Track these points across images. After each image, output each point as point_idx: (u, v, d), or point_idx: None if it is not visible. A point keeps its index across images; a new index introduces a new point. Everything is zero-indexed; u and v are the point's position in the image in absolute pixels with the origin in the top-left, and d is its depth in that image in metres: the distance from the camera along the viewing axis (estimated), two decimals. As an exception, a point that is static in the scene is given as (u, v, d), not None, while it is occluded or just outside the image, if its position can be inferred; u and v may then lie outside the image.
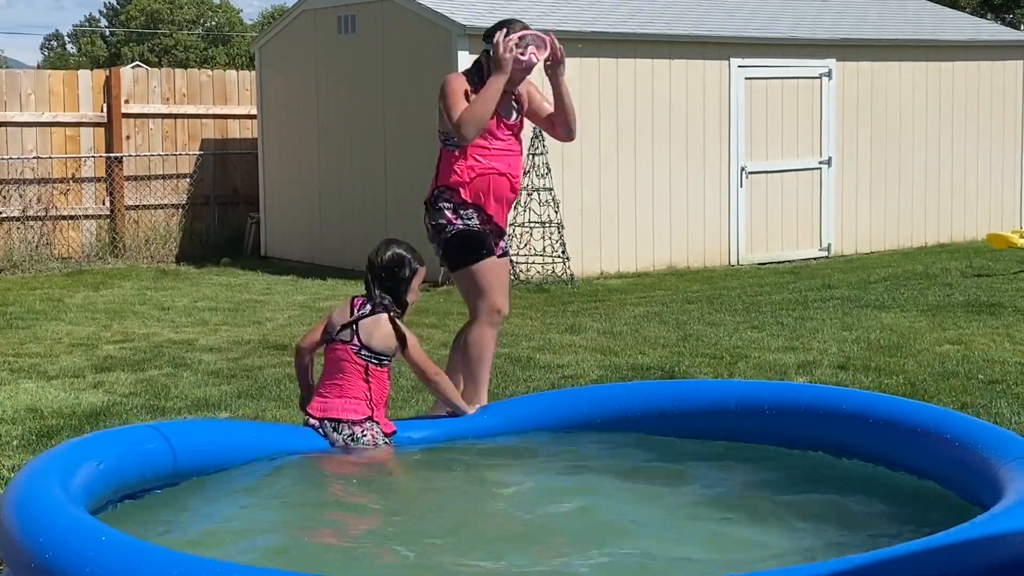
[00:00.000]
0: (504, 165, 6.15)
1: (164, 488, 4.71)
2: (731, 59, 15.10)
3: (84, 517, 3.13)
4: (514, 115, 6.17)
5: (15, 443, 6.81)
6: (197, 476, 4.78)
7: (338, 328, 5.58)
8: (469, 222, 6.10)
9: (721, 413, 4.62)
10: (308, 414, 5.54)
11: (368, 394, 5.47)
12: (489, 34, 6.07)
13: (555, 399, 5.83)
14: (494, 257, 6.02)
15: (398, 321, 5.61)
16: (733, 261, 15.22)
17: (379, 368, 5.53)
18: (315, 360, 5.85)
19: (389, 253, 5.80)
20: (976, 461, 3.53)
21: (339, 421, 5.43)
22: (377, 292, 5.63)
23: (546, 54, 5.84)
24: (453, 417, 5.64)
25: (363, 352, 5.51)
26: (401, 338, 5.53)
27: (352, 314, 5.58)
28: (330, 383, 5.56)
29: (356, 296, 5.79)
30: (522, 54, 5.80)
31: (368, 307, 5.61)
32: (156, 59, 68.33)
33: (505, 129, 6.14)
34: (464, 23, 13.47)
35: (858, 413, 4.20)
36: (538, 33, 5.95)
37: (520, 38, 5.87)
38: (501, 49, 5.68)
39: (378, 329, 5.54)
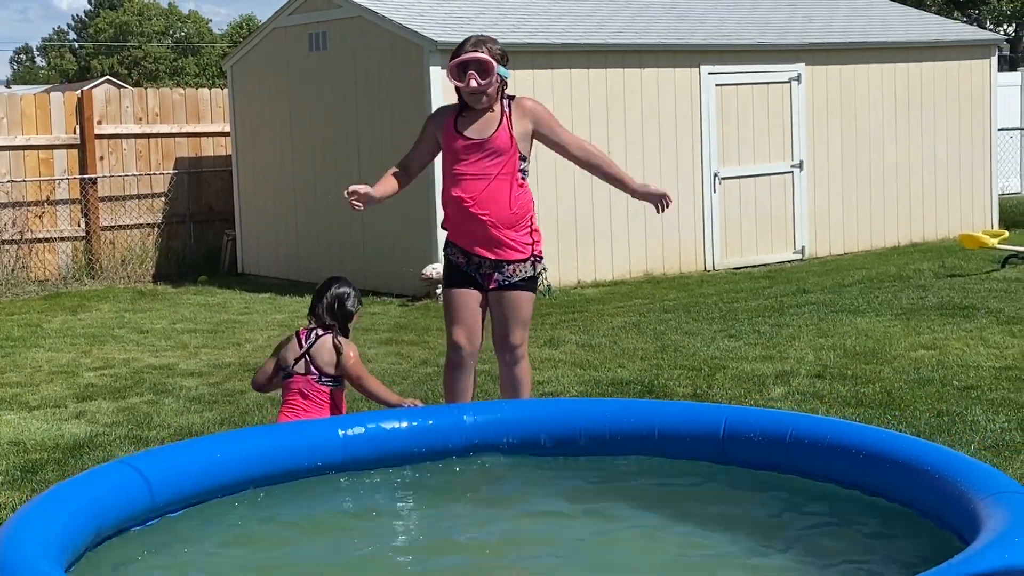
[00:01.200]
0: (465, 191, 6.06)
1: (143, 525, 4.64)
2: (701, 66, 15.18)
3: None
4: (489, 130, 6.03)
5: (0, 479, 6.81)
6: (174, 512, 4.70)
7: (292, 363, 5.67)
8: (447, 251, 6.13)
9: (710, 438, 4.66)
10: None
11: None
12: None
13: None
14: (454, 290, 5.98)
15: (338, 337, 5.75)
16: (708, 266, 15.29)
17: (340, 390, 5.66)
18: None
19: (338, 290, 5.92)
20: (957, 494, 3.58)
21: None
22: (326, 316, 5.78)
23: (490, 79, 5.83)
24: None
25: (323, 379, 5.62)
26: (338, 349, 5.67)
27: (301, 346, 5.67)
28: (293, 414, 5.63)
29: (300, 329, 5.95)
30: (460, 80, 5.85)
31: (314, 335, 5.74)
32: (126, 71, 68.15)
33: (475, 152, 6.02)
34: (436, 39, 13.51)
35: (847, 445, 4.25)
36: (478, 55, 5.92)
37: (459, 65, 5.88)
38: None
39: (324, 350, 5.71)
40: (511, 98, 6.14)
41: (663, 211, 5.81)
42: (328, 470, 5.13)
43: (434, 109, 13.33)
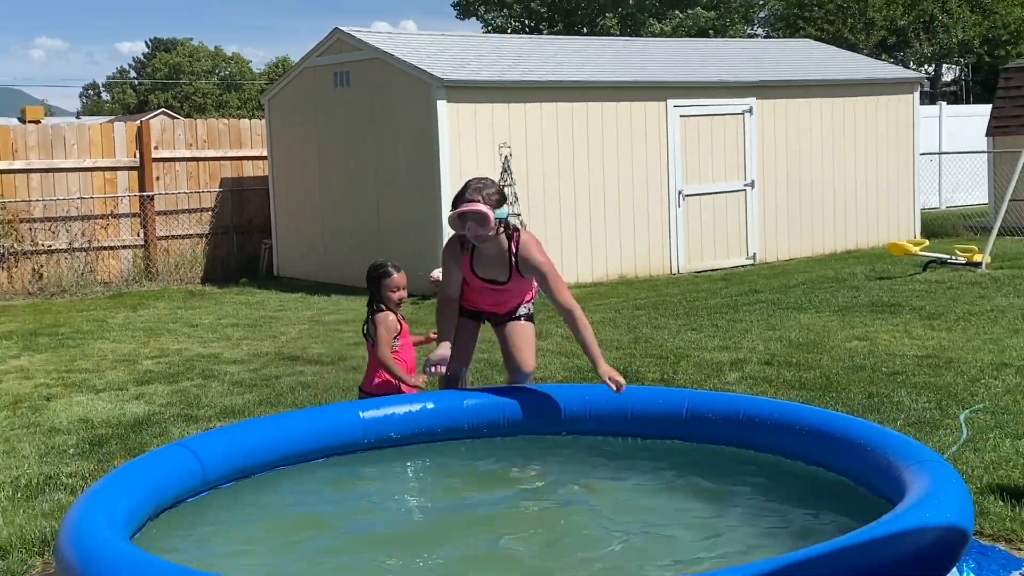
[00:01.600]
0: (482, 300, 5.70)
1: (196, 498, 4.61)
2: (668, 100, 15.18)
3: (129, 547, 3.13)
4: (503, 276, 5.51)
5: (71, 451, 6.80)
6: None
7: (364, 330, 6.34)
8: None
9: (674, 419, 4.64)
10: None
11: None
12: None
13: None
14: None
15: (374, 316, 6.08)
16: (674, 270, 15.29)
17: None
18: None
19: (370, 265, 6.33)
20: (885, 464, 3.58)
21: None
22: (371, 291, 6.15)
23: (488, 227, 5.22)
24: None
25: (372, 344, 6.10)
26: (373, 321, 6.02)
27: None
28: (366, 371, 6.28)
29: None
30: (461, 230, 5.34)
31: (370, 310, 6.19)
32: (179, 104, 67.99)
33: (487, 285, 5.59)
34: (442, 76, 13.50)
35: (792, 423, 4.24)
36: (475, 208, 5.24)
37: (459, 216, 5.30)
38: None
39: (370, 321, 6.13)
40: (517, 237, 5.46)
41: (618, 391, 5.05)
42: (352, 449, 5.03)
43: (441, 138, 13.48)
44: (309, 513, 4.51)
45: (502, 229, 5.36)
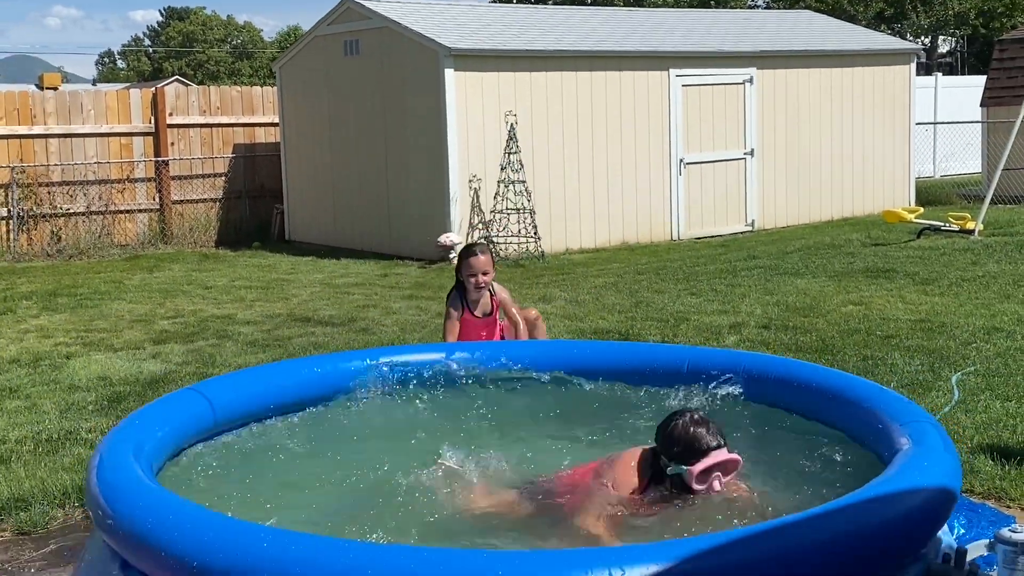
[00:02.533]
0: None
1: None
2: (670, 70, 15.11)
3: (154, 486, 3.16)
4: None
5: (91, 408, 6.83)
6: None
7: None
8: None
9: (677, 374, 4.65)
10: None
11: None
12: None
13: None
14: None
15: (449, 296, 6.19)
16: (674, 237, 15.28)
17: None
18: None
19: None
20: (880, 422, 3.59)
21: None
22: None
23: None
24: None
25: None
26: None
27: None
28: None
29: None
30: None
31: None
32: (192, 72, 67.77)
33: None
34: (450, 45, 13.43)
35: (791, 379, 4.25)
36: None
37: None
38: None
39: None
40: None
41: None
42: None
43: (448, 105, 13.45)
44: (317, 458, 4.54)
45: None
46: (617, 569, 2.49)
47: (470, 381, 5.16)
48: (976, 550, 3.27)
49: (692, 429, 3.64)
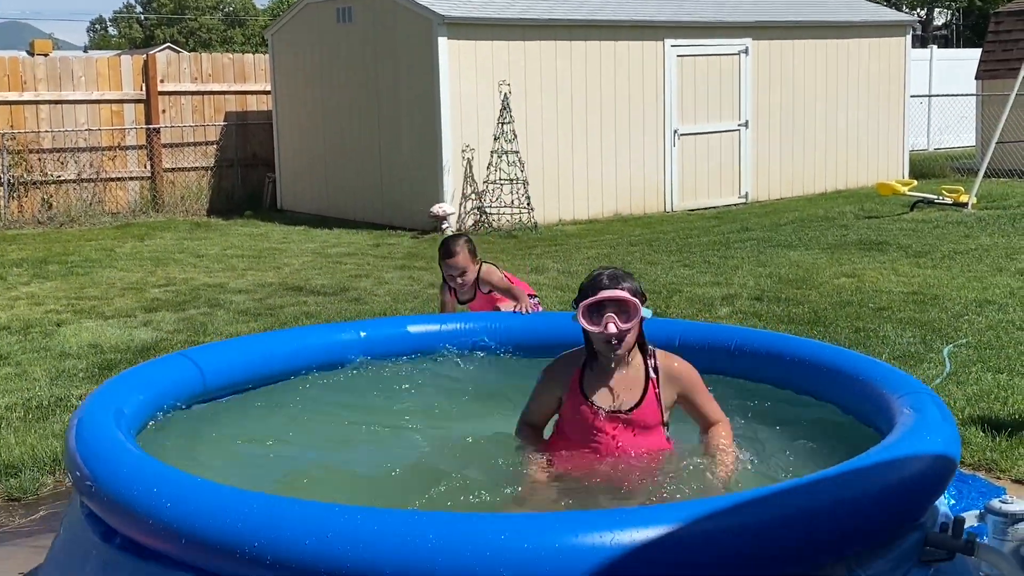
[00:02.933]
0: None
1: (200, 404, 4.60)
2: (665, 40, 15.03)
3: (133, 449, 3.15)
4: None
5: (81, 375, 6.81)
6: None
7: None
8: None
9: (666, 348, 4.63)
10: None
11: None
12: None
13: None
14: None
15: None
16: (668, 208, 15.25)
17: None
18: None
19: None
20: (875, 394, 3.59)
21: None
22: None
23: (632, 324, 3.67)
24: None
25: None
26: None
27: None
28: None
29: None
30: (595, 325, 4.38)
31: None
32: (184, 39, 67.30)
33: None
34: (443, 13, 13.34)
35: (782, 353, 4.24)
36: (618, 295, 3.61)
37: (592, 306, 3.69)
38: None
39: None
40: (653, 354, 3.81)
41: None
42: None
43: (441, 74, 13.37)
44: (305, 424, 4.54)
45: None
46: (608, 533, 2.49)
47: (458, 354, 5.15)
48: (967, 521, 3.28)
49: (591, 274, 3.60)
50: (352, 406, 4.73)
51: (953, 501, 4.13)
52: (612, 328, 3.59)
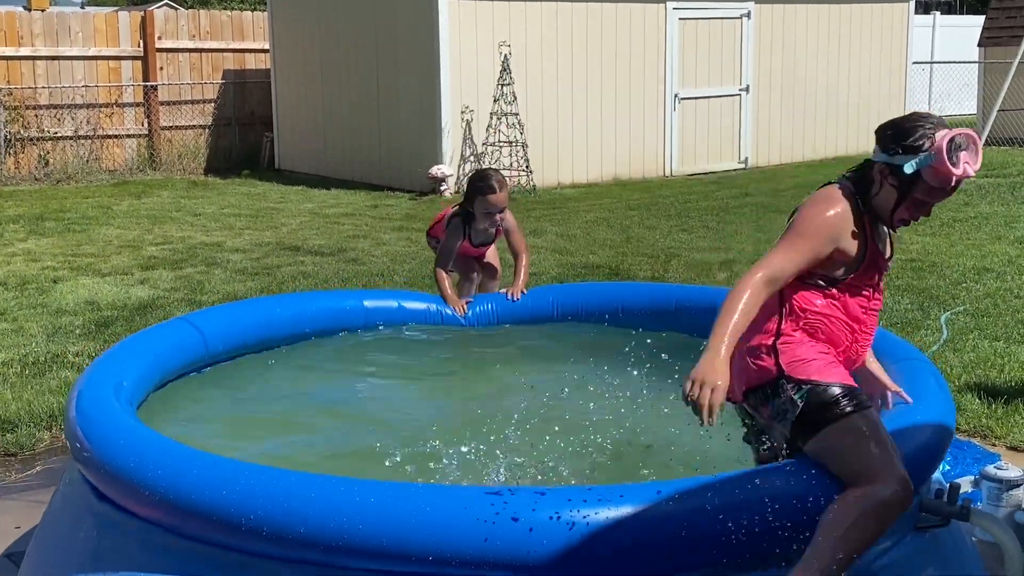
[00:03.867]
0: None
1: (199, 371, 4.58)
2: (667, 3, 14.92)
3: (131, 420, 3.13)
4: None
5: (78, 332, 6.81)
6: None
7: None
8: None
9: (663, 312, 4.65)
10: None
11: None
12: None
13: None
14: None
15: (451, 221, 5.52)
16: (667, 173, 15.20)
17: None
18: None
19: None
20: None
21: None
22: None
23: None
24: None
25: None
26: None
27: None
28: None
29: None
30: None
31: None
32: (182, -3, 66.75)
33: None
34: (444, -27, 13.22)
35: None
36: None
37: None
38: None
39: None
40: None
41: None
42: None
43: (441, 35, 13.28)
44: (304, 393, 4.54)
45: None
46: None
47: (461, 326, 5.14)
48: (962, 487, 3.29)
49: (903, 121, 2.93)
50: (352, 372, 4.73)
51: (948, 467, 4.14)
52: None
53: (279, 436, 4.01)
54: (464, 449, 3.58)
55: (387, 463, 3.55)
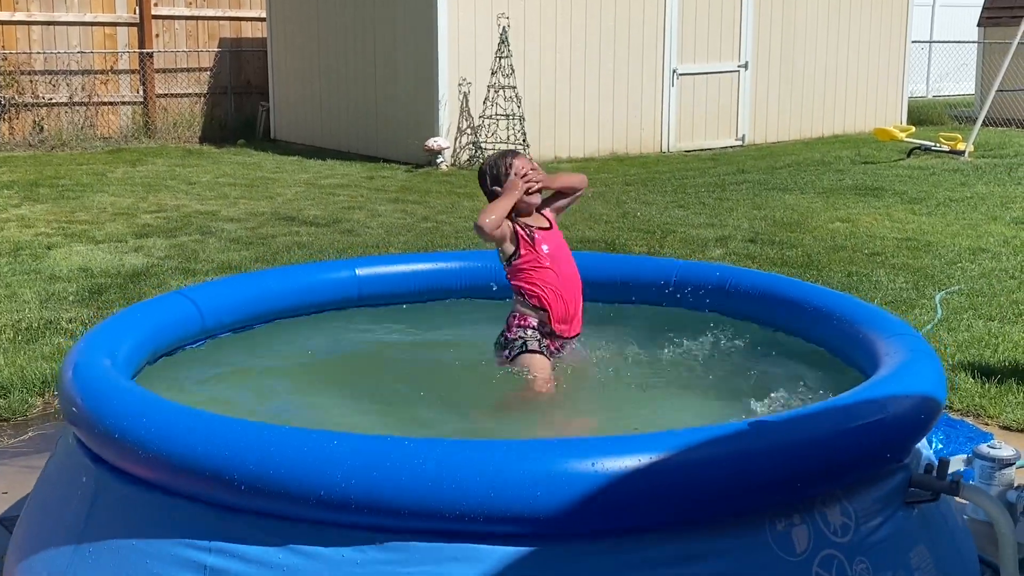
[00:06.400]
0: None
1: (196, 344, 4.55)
2: (667, -23, 14.85)
3: (127, 383, 3.12)
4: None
5: (71, 298, 6.79)
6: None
7: None
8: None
9: (663, 286, 4.63)
10: None
11: None
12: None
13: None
14: None
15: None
16: (664, 149, 15.17)
17: None
18: None
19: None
20: (861, 336, 3.59)
21: None
22: None
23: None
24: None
25: None
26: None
27: None
28: None
29: None
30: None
31: None
32: (178, -36, 66.30)
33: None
34: (443, -57, 13.13)
35: (773, 294, 4.23)
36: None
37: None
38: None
39: None
40: None
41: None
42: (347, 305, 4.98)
43: (440, 6, 13.19)
44: (301, 364, 4.52)
45: None
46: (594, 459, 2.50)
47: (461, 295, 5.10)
48: (954, 465, 3.30)
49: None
50: (356, 341, 4.71)
51: (941, 446, 4.15)
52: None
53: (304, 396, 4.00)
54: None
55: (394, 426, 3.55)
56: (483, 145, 13.42)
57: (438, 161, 13.21)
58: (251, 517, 2.63)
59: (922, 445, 3.17)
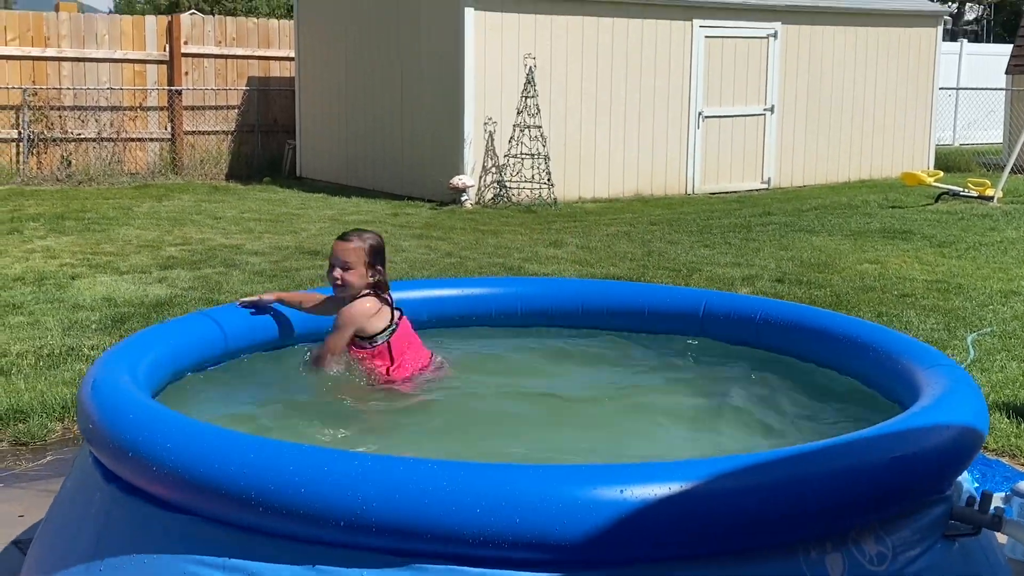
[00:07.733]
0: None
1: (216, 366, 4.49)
2: (694, 20, 14.88)
3: (147, 400, 3.06)
4: None
5: (94, 327, 6.77)
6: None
7: None
8: None
9: (691, 317, 4.55)
10: None
11: None
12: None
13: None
14: None
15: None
16: (690, 190, 15.12)
17: None
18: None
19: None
20: (899, 367, 3.50)
21: None
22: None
23: None
24: None
25: None
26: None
27: None
28: None
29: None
30: None
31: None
32: (208, 7, 67.23)
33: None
34: (471, -16, 13.21)
35: (806, 325, 4.14)
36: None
37: None
38: None
39: None
40: None
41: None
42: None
43: (467, 46, 13.26)
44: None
45: None
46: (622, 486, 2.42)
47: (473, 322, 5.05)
48: (993, 502, 3.19)
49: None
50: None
51: (977, 484, 4.04)
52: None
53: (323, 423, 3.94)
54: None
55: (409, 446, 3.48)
56: (507, 184, 13.41)
57: (463, 199, 13.21)
58: (268, 536, 2.56)
59: (963, 478, 3.07)
